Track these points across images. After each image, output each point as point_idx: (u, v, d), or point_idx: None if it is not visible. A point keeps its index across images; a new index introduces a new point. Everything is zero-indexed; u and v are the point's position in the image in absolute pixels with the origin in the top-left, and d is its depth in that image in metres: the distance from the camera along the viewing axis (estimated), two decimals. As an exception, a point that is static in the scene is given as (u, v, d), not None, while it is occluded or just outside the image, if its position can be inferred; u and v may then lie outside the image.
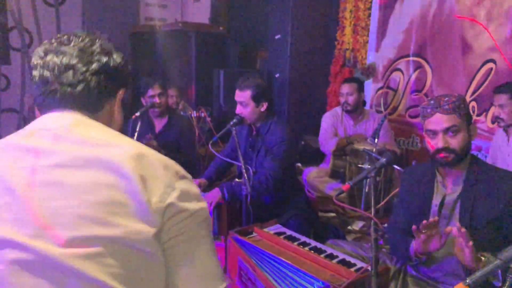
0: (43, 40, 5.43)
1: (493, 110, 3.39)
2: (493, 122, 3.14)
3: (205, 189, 2.74)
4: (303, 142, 4.78)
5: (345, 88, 3.73)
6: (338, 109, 3.91)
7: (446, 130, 1.77)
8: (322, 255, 1.86)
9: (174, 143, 3.31)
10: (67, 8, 6.30)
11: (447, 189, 1.89)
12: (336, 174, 3.64)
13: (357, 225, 3.08)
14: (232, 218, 2.44)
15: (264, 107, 2.69)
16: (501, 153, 3.09)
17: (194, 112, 4.44)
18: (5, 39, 4.59)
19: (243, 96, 2.62)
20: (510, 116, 2.84)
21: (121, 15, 6.51)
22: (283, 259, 1.80)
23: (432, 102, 1.82)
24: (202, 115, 4.46)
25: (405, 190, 2.08)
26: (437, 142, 1.79)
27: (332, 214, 3.31)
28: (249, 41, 6.08)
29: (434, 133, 1.80)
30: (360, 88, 3.79)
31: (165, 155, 2.93)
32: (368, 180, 1.71)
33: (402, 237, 1.93)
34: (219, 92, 5.03)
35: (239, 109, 2.65)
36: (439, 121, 1.78)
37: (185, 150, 3.28)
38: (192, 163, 3.40)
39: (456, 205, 1.85)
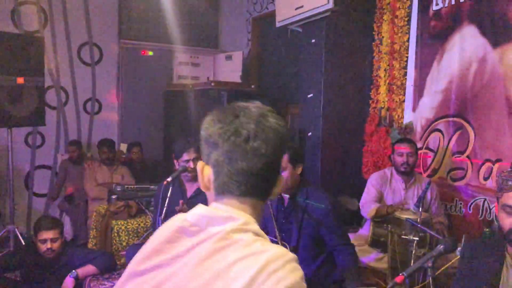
0: (78, 98, 5.56)
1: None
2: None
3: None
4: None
5: (406, 148, 3.56)
6: (387, 171, 3.72)
7: None
8: None
9: (205, 209, 3.18)
10: (103, 67, 6.47)
11: None
12: (376, 243, 3.42)
13: (402, 303, 2.82)
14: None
15: (300, 169, 2.57)
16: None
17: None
18: (42, 99, 4.68)
19: None
20: None
21: (156, 74, 6.65)
22: None
23: (510, 174, 1.62)
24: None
25: (465, 269, 1.84)
26: None
27: (374, 288, 3.07)
28: (279, 98, 6.06)
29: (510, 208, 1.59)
30: (417, 150, 3.66)
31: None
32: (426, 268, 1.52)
33: None
34: (250, 152, 4.94)
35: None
36: None
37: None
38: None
39: None
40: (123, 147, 6.08)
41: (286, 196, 2.60)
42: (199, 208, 1.01)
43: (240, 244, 0.92)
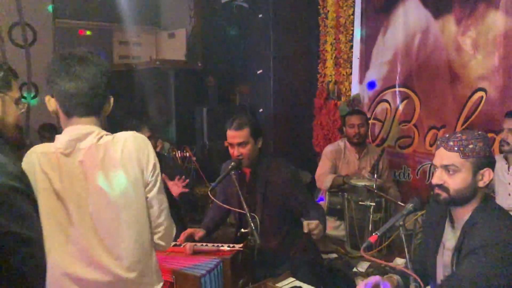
0: (13, 83, 5.10)
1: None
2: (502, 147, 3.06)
3: (202, 239, 2.54)
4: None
5: (357, 119, 3.61)
6: (340, 143, 3.78)
7: (444, 167, 1.68)
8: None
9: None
10: (38, 49, 6.07)
11: (455, 233, 1.75)
12: (332, 212, 3.51)
13: (362, 267, 2.91)
14: (235, 271, 2.25)
15: (260, 143, 2.57)
16: (500, 182, 3.03)
17: (179, 152, 4.27)
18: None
19: (242, 135, 2.47)
20: None
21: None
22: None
23: (446, 135, 1.74)
24: (187, 155, 4.30)
25: (424, 225, 2.02)
26: (434, 177, 1.72)
27: (334, 255, 3.15)
28: (227, 76, 5.99)
29: (436, 167, 1.73)
30: (367, 120, 3.75)
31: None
32: (398, 228, 1.57)
33: None
34: (202, 130, 4.89)
35: (236, 151, 2.49)
36: (440, 156, 1.71)
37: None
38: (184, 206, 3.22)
39: (454, 256, 1.71)
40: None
41: (248, 170, 2.59)
42: (63, 136, 1.41)
43: (109, 144, 1.42)
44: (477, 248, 1.57)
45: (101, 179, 1.38)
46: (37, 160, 1.39)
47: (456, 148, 1.65)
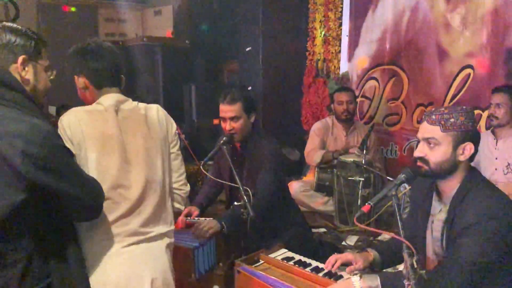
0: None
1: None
2: (489, 125, 3.12)
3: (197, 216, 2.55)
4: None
5: (346, 96, 3.63)
6: (328, 120, 3.81)
7: (425, 140, 1.70)
8: (340, 281, 1.74)
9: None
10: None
11: (445, 206, 1.76)
12: (321, 188, 3.55)
13: (351, 240, 2.97)
14: (228, 244, 2.28)
15: (253, 118, 2.57)
16: (486, 157, 3.09)
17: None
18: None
19: (235, 110, 2.46)
20: (505, 116, 2.86)
21: (80, 32, 6.21)
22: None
23: (432, 110, 1.75)
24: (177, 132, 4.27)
25: (412, 200, 2.02)
26: (416, 150, 1.74)
27: (323, 230, 3.20)
28: (215, 54, 5.93)
29: (419, 140, 1.74)
30: (356, 97, 3.77)
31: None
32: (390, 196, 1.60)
33: None
34: (190, 108, 4.86)
35: (229, 126, 2.49)
36: (422, 129, 1.72)
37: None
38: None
39: (444, 229, 1.73)
40: (52, 110, 5.70)
41: (239, 144, 2.59)
42: (110, 97, 1.70)
43: (148, 108, 1.77)
44: (471, 225, 1.58)
45: (146, 130, 1.71)
46: (82, 116, 1.63)
47: (437, 122, 1.66)
